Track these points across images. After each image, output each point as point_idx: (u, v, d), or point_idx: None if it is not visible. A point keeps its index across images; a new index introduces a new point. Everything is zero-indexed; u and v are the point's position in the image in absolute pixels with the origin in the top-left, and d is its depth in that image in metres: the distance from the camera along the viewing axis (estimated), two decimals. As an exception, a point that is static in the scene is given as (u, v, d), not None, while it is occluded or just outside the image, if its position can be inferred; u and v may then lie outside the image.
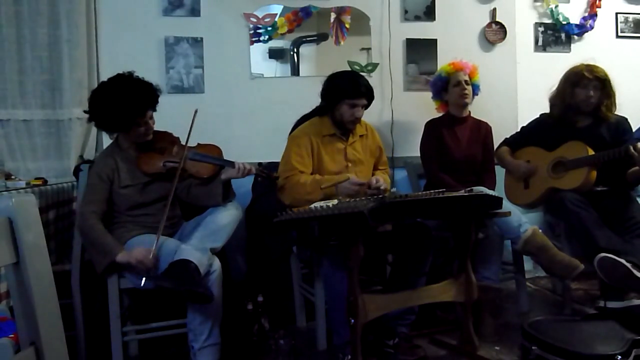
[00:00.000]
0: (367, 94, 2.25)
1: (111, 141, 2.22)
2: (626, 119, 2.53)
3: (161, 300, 2.12)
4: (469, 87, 2.69)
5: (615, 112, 2.52)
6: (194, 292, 1.80)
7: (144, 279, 1.85)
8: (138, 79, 2.07)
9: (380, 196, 1.93)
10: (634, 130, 2.57)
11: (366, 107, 2.29)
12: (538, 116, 2.71)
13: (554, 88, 2.60)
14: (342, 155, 2.29)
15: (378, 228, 1.73)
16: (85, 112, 2.11)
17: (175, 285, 1.79)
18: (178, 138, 2.21)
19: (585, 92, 2.46)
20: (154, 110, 2.12)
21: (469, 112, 2.77)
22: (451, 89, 2.71)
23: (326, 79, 2.31)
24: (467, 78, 2.69)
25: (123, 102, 1.98)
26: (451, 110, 2.75)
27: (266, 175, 2.14)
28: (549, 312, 2.57)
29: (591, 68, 2.47)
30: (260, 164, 2.11)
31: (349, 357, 1.92)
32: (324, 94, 2.29)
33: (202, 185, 2.12)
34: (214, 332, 1.93)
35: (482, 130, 2.75)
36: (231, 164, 2.08)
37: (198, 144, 2.18)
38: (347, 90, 2.21)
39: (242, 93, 2.97)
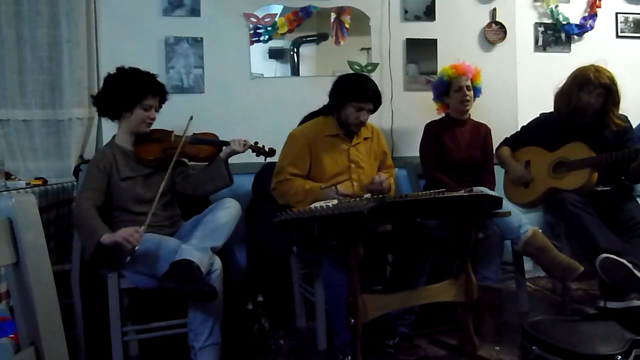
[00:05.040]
0: (375, 99, 2.24)
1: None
2: (626, 117, 2.53)
3: (161, 300, 2.12)
4: (471, 93, 2.68)
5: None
6: (198, 290, 1.80)
7: (128, 257, 1.83)
8: None
9: (381, 196, 1.93)
10: (634, 127, 2.57)
11: (372, 112, 2.29)
12: (538, 115, 2.71)
13: (560, 85, 2.56)
14: (345, 156, 2.29)
15: (378, 228, 1.73)
16: (92, 96, 2.22)
17: (178, 285, 1.78)
18: (173, 131, 2.24)
19: (588, 98, 2.44)
20: (161, 100, 2.22)
21: (469, 114, 2.76)
22: (452, 93, 2.70)
23: (336, 79, 2.31)
24: (469, 83, 2.67)
25: (137, 74, 2.13)
26: (451, 113, 2.75)
27: (263, 151, 2.24)
28: (549, 312, 2.57)
29: (599, 74, 2.43)
30: (256, 142, 2.23)
31: (349, 357, 1.92)
32: (332, 93, 2.29)
33: (204, 170, 2.18)
34: (214, 331, 1.93)
35: (482, 132, 2.75)
36: (228, 143, 2.19)
37: (194, 133, 2.24)
38: (354, 93, 2.21)
39: (242, 93, 2.97)
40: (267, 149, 2.25)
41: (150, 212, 1.95)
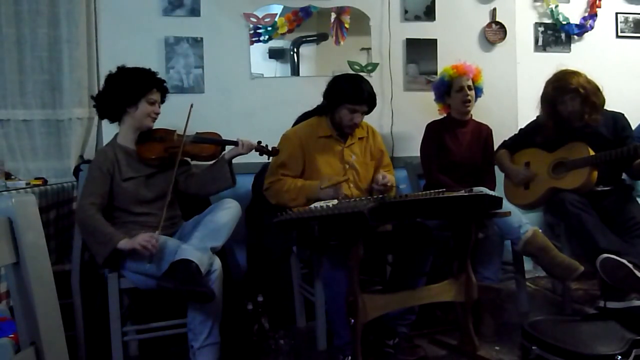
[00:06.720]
0: (369, 101, 2.23)
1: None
2: (623, 115, 2.52)
3: (161, 300, 2.12)
4: (472, 93, 2.67)
5: (607, 108, 2.49)
6: (196, 291, 1.80)
7: (148, 264, 1.87)
8: None
9: (381, 196, 1.93)
10: (633, 127, 2.57)
11: (367, 113, 2.28)
12: (535, 118, 2.71)
13: (539, 106, 2.58)
14: (338, 158, 2.28)
15: (378, 228, 1.73)
16: (92, 97, 2.20)
17: (177, 285, 1.79)
18: (176, 130, 2.24)
19: (565, 107, 2.46)
20: (162, 99, 2.21)
21: (471, 115, 2.76)
22: (454, 93, 2.69)
23: (331, 80, 2.30)
24: (470, 83, 2.66)
25: (140, 70, 2.14)
26: (453, 114, 2.74)
27: (267, 150, 2.21)
28: (549, 312, 2.57)
29: (560, 82, 2.46)
30: (259, 142, 2.21)
31: (349, 357, 1.92)
32: (326, 94, 2.28)
33: (207, 170, 2.17)
34: (213, 331, 1.93)
35: (483, 133, 2.74)
36: (233, 142, 2.17)
37: (196, 132, 2.23)
38: (349, 95, 2.20)
39: (242, 93, 2.97)
40: (270, 148, 2.24)
41: (162, 215, 1.96)
